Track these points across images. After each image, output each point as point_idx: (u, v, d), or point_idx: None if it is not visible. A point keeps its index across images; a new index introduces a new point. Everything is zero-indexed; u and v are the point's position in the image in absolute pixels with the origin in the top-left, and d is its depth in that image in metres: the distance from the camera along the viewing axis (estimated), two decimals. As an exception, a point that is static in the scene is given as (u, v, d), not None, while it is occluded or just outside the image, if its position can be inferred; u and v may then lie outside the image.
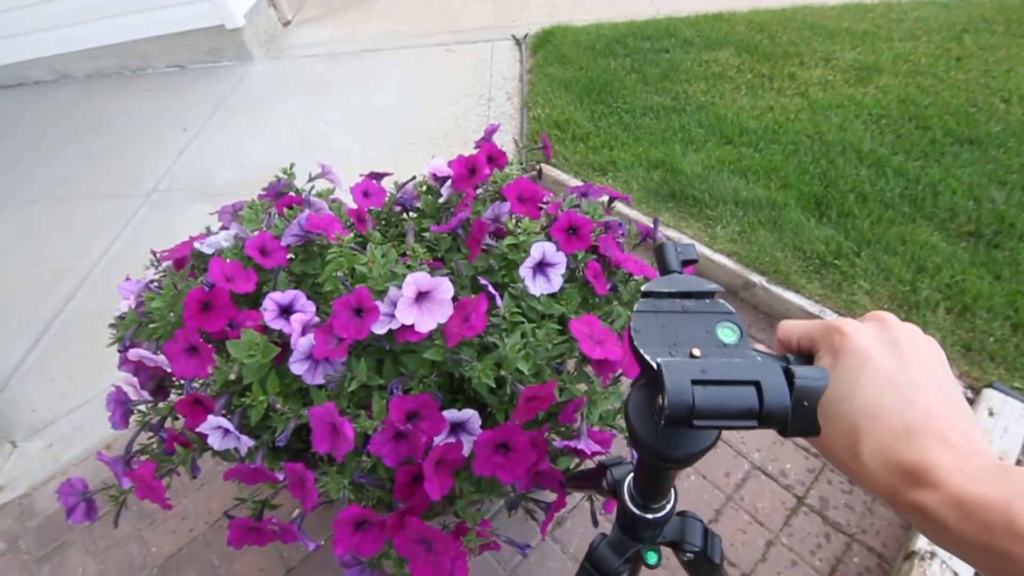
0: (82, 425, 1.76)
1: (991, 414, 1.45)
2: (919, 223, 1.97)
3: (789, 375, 0.31)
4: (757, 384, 0.30)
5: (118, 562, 1.49)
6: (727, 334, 0.35)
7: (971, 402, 1.51)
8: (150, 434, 0.98)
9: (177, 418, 1.01)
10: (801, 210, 2.03)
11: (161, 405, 0.98)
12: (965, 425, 0.32)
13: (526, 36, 3.42)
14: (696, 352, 0.33)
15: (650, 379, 0.33)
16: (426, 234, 1.12)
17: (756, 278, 1.80)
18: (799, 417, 0.31)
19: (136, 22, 3.41)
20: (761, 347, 0.37)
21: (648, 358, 0.33)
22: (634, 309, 0.37)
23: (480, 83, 3.09)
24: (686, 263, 0.42)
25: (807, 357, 0.37)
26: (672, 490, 0.49)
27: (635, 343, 0.34)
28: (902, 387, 0.33)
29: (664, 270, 0.41)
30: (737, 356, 0.32)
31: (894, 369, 0.34)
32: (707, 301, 0.38)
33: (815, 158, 2.28)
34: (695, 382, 0.30)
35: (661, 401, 0.30)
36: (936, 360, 0.36)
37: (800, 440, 1.53)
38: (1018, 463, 1.39)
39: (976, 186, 2.10)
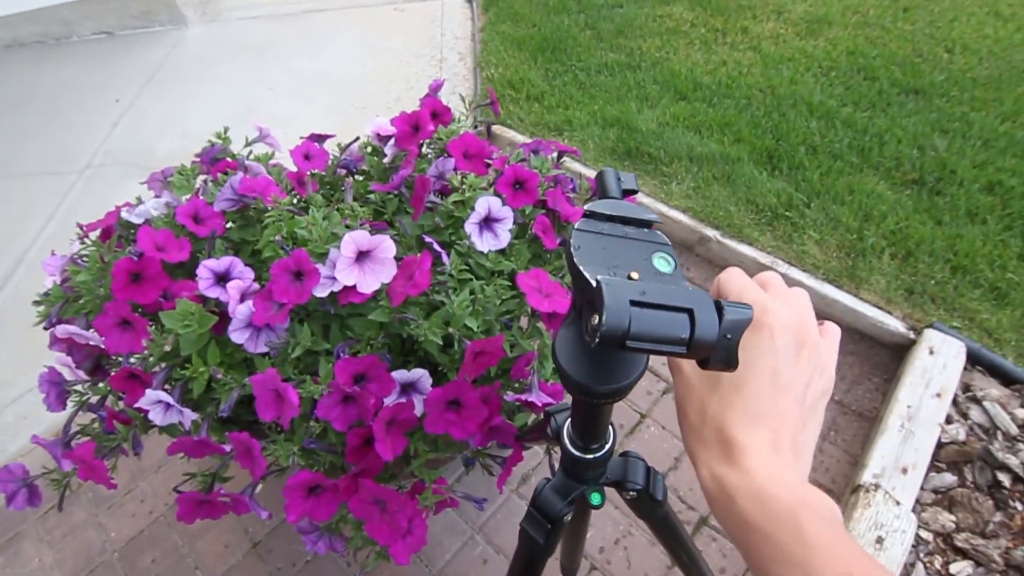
0: (27, 414, 1.69)
1: (931, 352, 1.52)
2: (866, 173, 2.02)
3: (719, 307, 0.30)
4: (690, 312, 0.30)
5: (76, 549, 1.45)
6: (663, 264, 0.34)
7: (912, 343, 1.58)
8: (92, 414, 0.95)
9: (120, 397, 0.97)
10: (754, 164, 2.05)
11: (100, 385, 0.94)
12: (801, 443, 0.35)
13: (477, -7, 3.30)
14: (635, 275, 0.33)
15: (587, 298, 0.32)
16: (371, 195, 1.08)
17: (711, 232, 1.82)
18: (722, 350, 0.31)
19: (55, -16, 3.16)
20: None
21: (587, 275, 0.32)
22: (575, 227, 0.36)
23: (431, 43, 2.99)
24: (626, 192, 0.41)
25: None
26: (610, 428, 0.49)
27: (574, 260, 0.33)
28: (778, 384, 0.35)
29: (603, 195, 0.40)
30: (672, 284, 0.32)
31: (785, 367, 0.35)
32: (646, 230, 0.38)
33: (767, 112, 2.30)
34: (633, 302, 0.29)
35: (597, 320, 0.29)
36: (817, 385, 0.37)
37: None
38: (955, 398, 1.47)
39: (920, 135, 2.16)
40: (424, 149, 1.17)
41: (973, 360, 1.54)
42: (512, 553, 0.62)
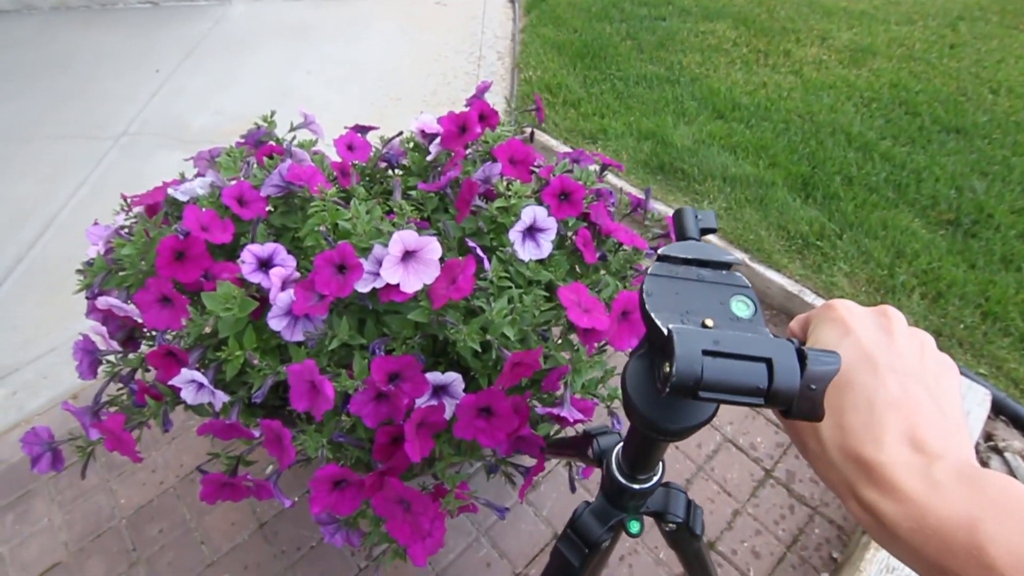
0: (47, 374, 1.71)
1: (955, 397, 1.50)
2: (901, 209, 2.00)
3: (801, 356, 0.29)
4: (769, 361, 0.29)
5: (85, 512, 1.47)
6: (741, 308, 0.33)
7: (937, 385, 1.56)
8: (120, 385, 0.95)
9: (148, 370, 0.98)
10: (788, 189, 2.03)
11: (131, 356, 0.94)
12: (944, 423, 0.29)
13: (520, -6, 3.30)
14: (709, 322, 0.32)
15: (658, 345, 0.32)
16: (412, 192, 1.08)
17: (740, 255, 1.80)
18: (805, 400, 0.30)
19: (106, -49, 3.19)
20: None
21: (659, 323, 0.31)
22: (648, 272, 0.35)
23: (471, 40, 2.99)
24: (704, 231, 0.40)
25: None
26: (660, 462, 0.49)
27: (647, 306, 0.33)
28: (879, 368, 0.31)
29: (681, 236, 0.39)
30: (750, 331, 0.31)
31: (876, 349, 0.31)
32: (724, 272, 0.37)
33: (805, 138, 2.27)
34: (706, 352, 0.28)
35: (668, 369, 0.29)
36: (938, 371, 0.32)
37: (772, 417, 1.57)
38: (976, 447, 1.45)
39: (959, 175, 2.13)
40: (468, 149, 1.17)
41: (997, 409, 1.51)
42: (515, 557, 0.62)
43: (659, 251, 0.36)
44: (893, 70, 2.70)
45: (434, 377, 0.77)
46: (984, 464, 1.44)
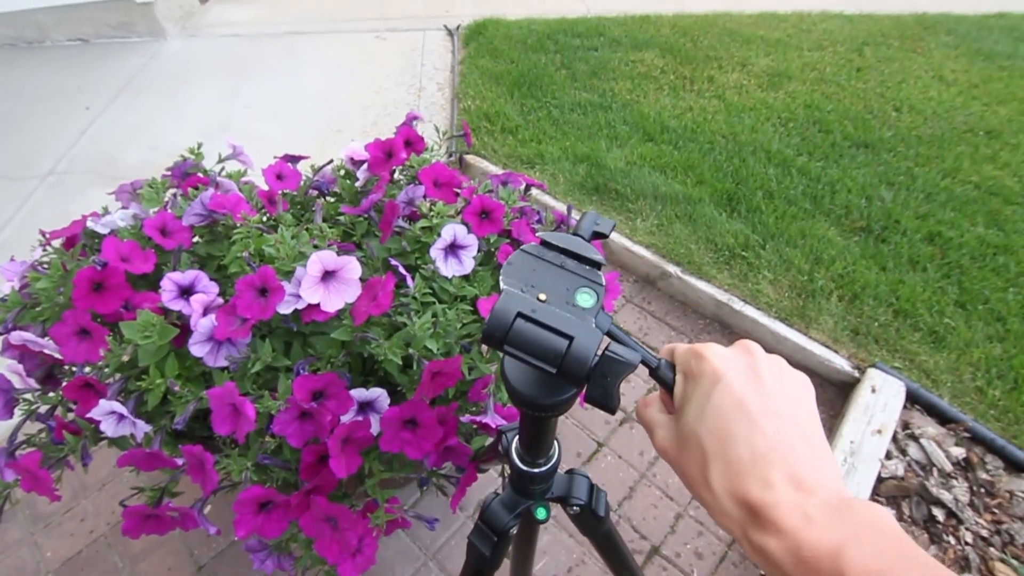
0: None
1: (873, 391, 1.60)
2: (818, 219, 2.14)
3: (607, 347, 0.34)
4: (571, 339, 0.33)
5: (7, 569, 1.38)
6: (585, 299, 0.37)
7: (856, 381, 1.66)
8: (39, 425, 0.92)
9: (71, 409, 0.95)
10: (714, 205, 2.15)
11: (51, 394, 0.92)
12: (814, 458, 0.32)
13: (458, 27, 3.41)
14: (542, 296, 0.36)
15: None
16: (341, 217, 1.11)
17: (672, 268, 1.89)
18: (598, 386, 0.34)
19: (31, -11, 3.13)
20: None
21: (502, 283, 0.36)
22: (522, 247, 0.39)
23: (411, 72, 3.06)
24: (597, 235, 0.44)
25: (673, 367, 0.38)
26: (555, 444, 0.52)
27: (501, 272, 0.37)
28: (753, 414, 0.33)
29: (575, 232, 0.43)
30: (576, 316, 0.35)
31: (747, 395, 0.33)
32: (587, 268, 0.40)
33: (728, 157, 2.42)
34: (520, 315, 0.33)
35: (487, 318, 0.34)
36: (798, 394, 0.35)
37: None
38: (895, 435, 1.55)
39: (868, 186, 2.30)
40: (396, 176, 1.20)
41: (912, 399, 1.62)
42: None
43: (540, 234, 0.40)
44: (807, 92, 2.91)
45: (358, 393, 0.79)
46: (903, 451, 1.53)
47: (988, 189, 2.32)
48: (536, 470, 0.52)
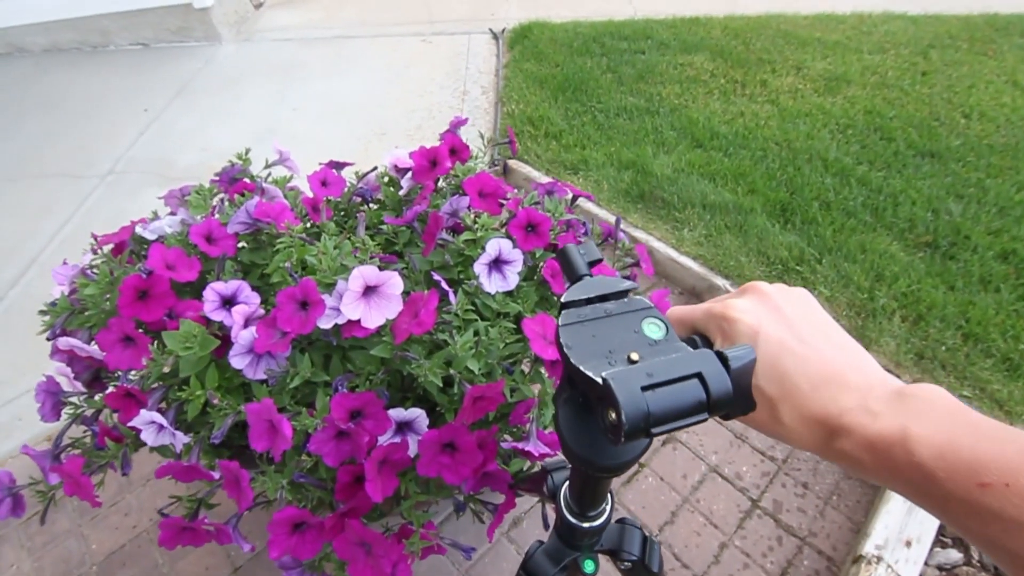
0: (22, 415, 1.68)
1: (939, 421, 1.49)
2: (879, 232, 2.02)
3: (723, 359, 0.30)
4: (700, 375, 0.29)
5: (55, 559, 1.42)
6: (654, 330, 0.34)
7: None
8: (84, 428, 0.94)
9: (114, 412, 0.96)
10: (767, 216, 2.05)
11: (96, 398, 0.93)
12: (857, 360, 0.35)
13: (503, 30, 3.39)
14: (634, 356, 0.32)
15: (596, 395, 0.31)
16: (384, 226, 1.09)
17: (720, 282, 1.81)
18: (739, 398, 0.30)
19: (98, -4, 3.28)
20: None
21: (591, 374, 0.31)
22: (559, 323, 0.35)
23: (455, 75, 3.05)
24: (592, 264, 0.41)
25: (706, 339, 0.38)
26: (608, 496, 0.48)
27: (572, 361, 0.32)
28: (794, 349, 0.35)
29: (573, 276, 0.40)
30: (671, 351, 0.32)
31: (783, 335, 0.35)
32: (625, 300, 0.37)
33: (782, 165, 2.31)
34: (644, 388, 0.28)
35: (615, 417, 0.28)
36: (811, 310, 0.38)
37: (757, 444, 1.55)
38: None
39: (935, 198, 2.16)
40: (440, 184, 1.18)
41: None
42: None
43: (561, 298, 0.37)
44: (867, 97, 2.76)
45: (397, 413, 0.76)
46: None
47: (1070, 204, 2.14)
48: (586, 524, 0.47)
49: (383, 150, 2.59)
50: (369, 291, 0.77)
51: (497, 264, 0.88)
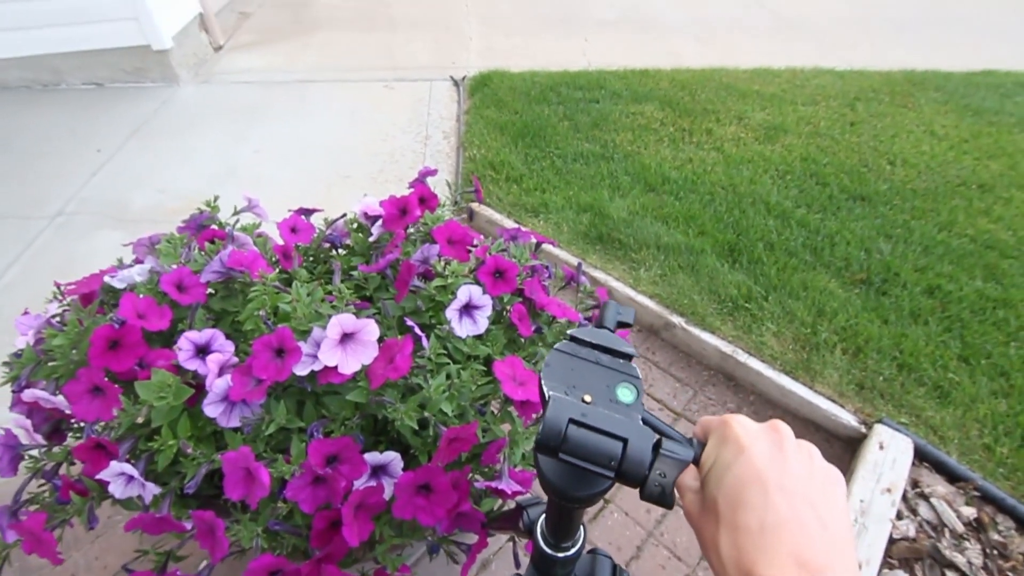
0: (-43, 471, 1.58)
1: (881, 447, 1.59)
2: (819, 271, 2.17)
3: (657, 445, 0.35)
4: (625, 441, 0.34)
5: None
6: (625, 394, 0.38)
7: (863, 436, 1.65)
8: (42, 482, 0.91)
9: (73, 463, 0.94)
10: (716, 256, 2.18)
11: (56, 450, 0.91)
12: (826, 543, 0.32)
13: (464, 78, 3.51)
14: (587, 398, 0.37)
15: (544, 410, 0.36)
16: (354, 272, 1.12)
17: (676, 319, 1.90)
18: (656, 485, 0.35)
19: (48, 36, 3.22)
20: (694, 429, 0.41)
21: (545, 389, 0.36)
22: (554, 346, 0.40)
23: (417, 120, 3.14)
24: (621, 324, 0.46)
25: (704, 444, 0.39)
26: (581, 529, 0.52)
27: (541, 376, 0.37)
28: (769, 487, 0.33)
29: (599, 324, 0.45)
30: (623, 415, 0.36)
31: (767, 469, 0.34)
32: (621, 361, 0.41)
33: (729, 208, 2.46)
34: (572, 421, 0.33)
35: (540, 428, 0.33)
36: (824, 481, 0.35)
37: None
38: (905, 494, 1.53)
39: (867, 238, 2.34)
40: (409, 230, 1.22)
41: (920, 456, 1.61)
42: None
43: (569, 332, 0.41)
44: (803, 145, 2.99)
45: (372, 457, 0.78)
46: (913, 511, 1.51)
47: (984, 243, 2.36)
48: (561, 554, 0.51)
49: (347, 193, 2.63)
50: (346, 338, 0.80)
51: (467, 309, 0.92)
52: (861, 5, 5.02)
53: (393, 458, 0.79)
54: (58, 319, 0.93)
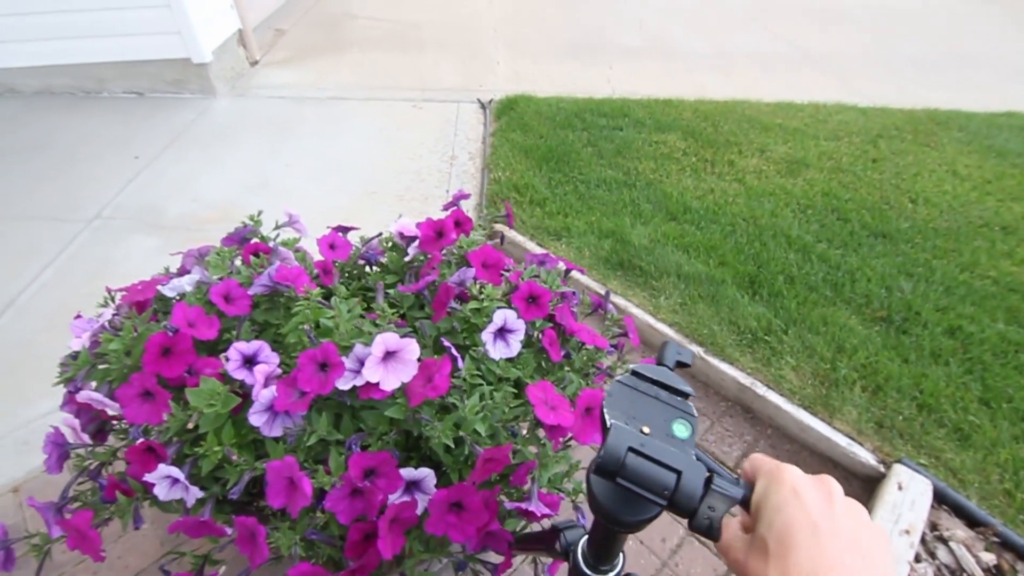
0: (-10, 463, 1.63)
1: (900, 488, 1.58)
2: (839, 306, 2.17)
3: (709, 480, 0.38)
4: (679, 473, 0.37)
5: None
6: (680, 429, 0.41)
7: (881, 476, 1.64)
8: (82, 479, 0.94)
9: (110, 463, 0.97)
10: (737, 287, 2.20)
11: (100, 449, 0.94)
12: None
13: (491, 101, 3.59)
14: (646, 429, 0.39)
15: (604, 436, 0.39)
16: (390, 291, 1.15)
17: (695, 349, 1.91)
18: (705, 518, 0.37)
19: (94, 46, 3.36)
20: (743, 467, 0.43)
21: (607, 417, 0.39)
22: (616, 378, 0.43)
23: (444, 141, 3.21)
24: (679, 364, 0.49)
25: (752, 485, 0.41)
26: (621, 554, 0.54)
27: (603, 404, 0.40)
28: (821, 533, 0.35)
29: (659, 362, 0.48)
30: (677, 448, 0.39)
31: (819, 518, 0.36)
32: (679, 399, 0.45)
33: (750, 240, 2.48)
34: (631, 449, 0.36)
35: (600, 453, 0.36)
36: (872, 539, 0.37)
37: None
38: (923, 536, 1.52)
39: (888, 276, 2.35)
40: (443, 252, 1.26)
41: (940, 499, 1.60)
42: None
43: (632, 367, 0.44)
44: (824, 180, 3.01)
45: (408, 473, 0.81)
46: (931, 554, 1.50)
47: (1007, 285, 2.35)
48: (600, 576, 0.53)
49: (374, 209, 2.69)
50: (388, 356, 0.83)
51: (501, 332, 0.95)
52: (884, 42, 5.07)
53: (427, 475, 0.82)
54: (111, 325, 0.98)
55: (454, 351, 0.89)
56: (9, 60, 3.43)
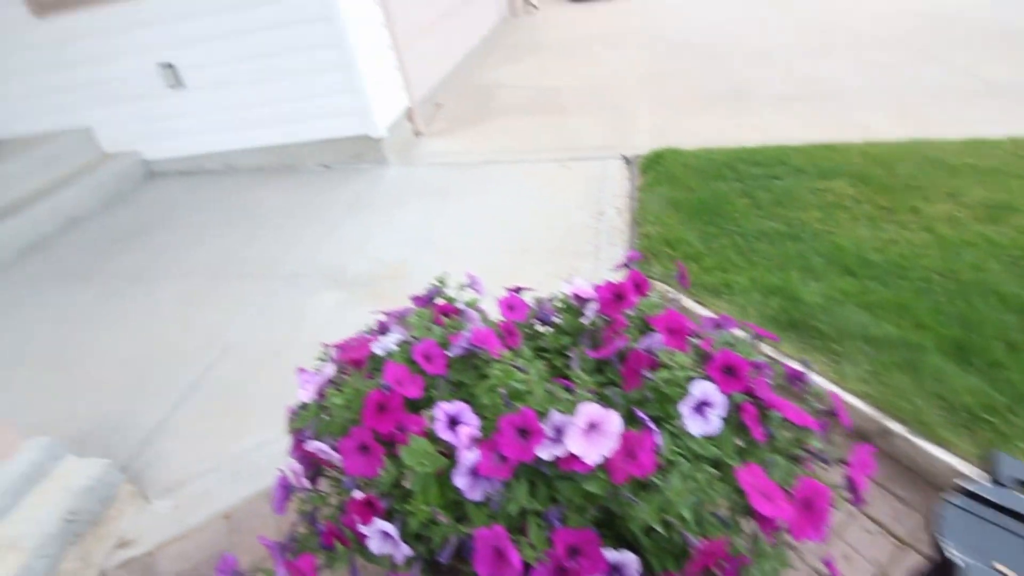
0: (209, 490, 1.87)
1: None
2: (1084, 382, 1.79)
3: None
4: None
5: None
6: None
7: None
8: (308, 524, 1.04)
9: (319, 507, 1.06)
10: (941, 354, 1.91)
11: (315, 495, 1.04)
12: None
13: (636, 156, 3.61)
14: (1002, 568, 0.33)
15: (945, 572, 0.34)
16: (568, 354, 1.16)
17: (895, 426, 1.67)
18: None
19: (296, 129, 3.98)
20: None
21: (954, 553, 0.34)
22: (947, 498, 0.38)
23: (591, 197, 3.26)
24: (1020, 482, 0.42)
25: None
26: None
27: (943, 533, 0.35)
28: None
29: (993, 480, 0.42)
30: None
31: None
32: None
33: (950, 298, 2.16)
34: None
35: None
36: None
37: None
38: None
39: None
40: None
41: None
42: None
43: (963, 485, 0.39)
44: (1040, 227, 2.56)
45: (611, 555, 0.78)
46: None
47: None
48: None
49: (527, 265, 2.79)
50: (589, 427, 0.82)
51: (700, 406, 0.91)
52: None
53: (632, 560, 0.78)
54: (333, 381, 1.09)
55: (651, 424, 0.86)
56: (232, 144, 4.18)
